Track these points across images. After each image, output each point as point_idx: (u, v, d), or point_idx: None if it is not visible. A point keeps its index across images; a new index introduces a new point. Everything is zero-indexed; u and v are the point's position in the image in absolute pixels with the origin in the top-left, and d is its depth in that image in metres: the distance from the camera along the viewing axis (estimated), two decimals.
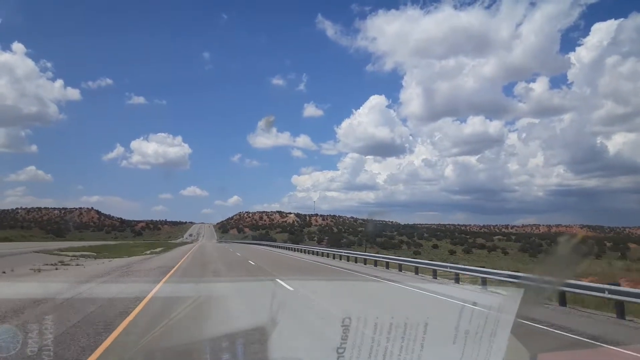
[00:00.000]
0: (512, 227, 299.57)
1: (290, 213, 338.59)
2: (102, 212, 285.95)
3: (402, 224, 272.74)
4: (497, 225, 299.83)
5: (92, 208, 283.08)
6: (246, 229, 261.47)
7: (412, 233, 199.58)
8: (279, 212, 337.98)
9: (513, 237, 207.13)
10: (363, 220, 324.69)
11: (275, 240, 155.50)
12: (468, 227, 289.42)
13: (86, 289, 13.06)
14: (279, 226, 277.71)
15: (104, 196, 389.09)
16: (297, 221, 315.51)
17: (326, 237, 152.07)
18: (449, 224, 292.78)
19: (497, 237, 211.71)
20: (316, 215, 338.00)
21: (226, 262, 29.43)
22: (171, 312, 9.09)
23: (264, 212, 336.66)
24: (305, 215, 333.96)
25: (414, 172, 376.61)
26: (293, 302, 11.03)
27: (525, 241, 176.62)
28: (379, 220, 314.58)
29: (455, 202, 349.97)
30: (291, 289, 13.72)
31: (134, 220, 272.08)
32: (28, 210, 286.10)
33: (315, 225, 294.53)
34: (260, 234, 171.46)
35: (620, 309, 10.18)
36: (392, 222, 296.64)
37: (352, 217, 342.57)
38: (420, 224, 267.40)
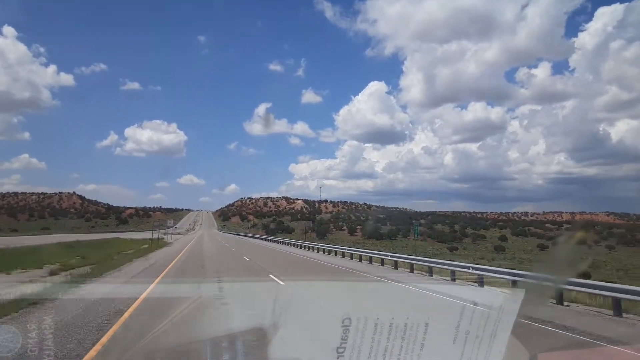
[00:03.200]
0: (533, 215, 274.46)
1: (297, 199, 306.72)
2: (86, 197, 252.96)
3: (419, 211, 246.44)
4: (515, 212, 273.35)
5: (74, 193, 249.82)
6: (250, 217, 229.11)
7: (448, 222, 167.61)
8: (286, 198, 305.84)
9: (566, 226, 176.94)
10: (377, 207, 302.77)
11: (292, 231, 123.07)
12: (485, 215, 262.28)
13: None
14: (287, 213, 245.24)
15: (100, 184, 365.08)
16: (306, 208, 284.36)
17: (358, 227, 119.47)
18: (465, 212, 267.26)
19: (546, 224, 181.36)
20: (325, 201, 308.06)
21: None
22: None
23: (269, 197, 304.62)
24: (313, 201, 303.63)
25: (413, 160, 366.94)
26: None
27: (594, 231, 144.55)
28: (395, 208, 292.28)
29: (453, 190, 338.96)
30: None
31: (122, 207, 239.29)
32: (2, 196, 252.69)
33: (326, 212, 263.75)
34: (271, 222, 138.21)
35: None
36: (406, 209, 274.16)
37: (364, 204, 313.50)
38: (436, 212, 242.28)
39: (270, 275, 14.91)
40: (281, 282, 13.38)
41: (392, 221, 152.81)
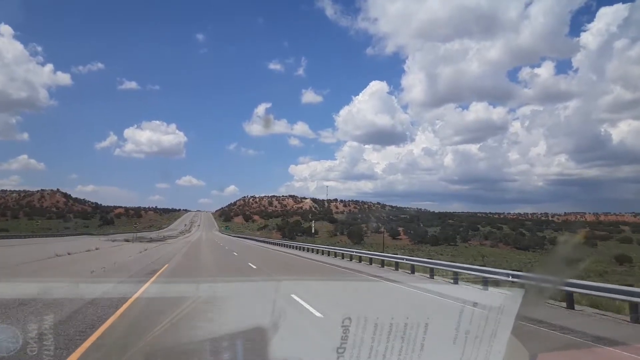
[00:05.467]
0: (553, 216, 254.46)
1: (305, 198, 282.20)
2: (72, 196, 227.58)
3: (441, 212, 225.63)
4: (534, 213, 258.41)
5: (57, 190, 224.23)
6: (255, 217, 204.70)
7: (489, 224, 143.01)
8: (293, 197, 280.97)
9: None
10: (391, 207, 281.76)
11: (316, 233, 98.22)
12: (502, 216, 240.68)
13: None
14: (296, 213, 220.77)
15: (99, 185, 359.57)
16: (315, 207, 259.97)
17: (400, 228, 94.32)
18: (481, 213, 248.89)
19: (599, 226, 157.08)
20: (335, 200, 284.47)
21: None
22: None
23: (274, 196, 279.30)
24: (322, 200, 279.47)
25: (413, 162, 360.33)
26: None
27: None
28: (408, 208, 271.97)
29: (453, 191, 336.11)
30: None
31: (110, 206, 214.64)
32: None
33: (337, 212, 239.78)
34: (284, 222, 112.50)
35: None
36: (423, 209, 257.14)
37: (378, 203, 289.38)
38: (454, 213, 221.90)
39: None
40: None
41: (424, 222, 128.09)
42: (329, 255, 29.76)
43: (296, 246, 42.60)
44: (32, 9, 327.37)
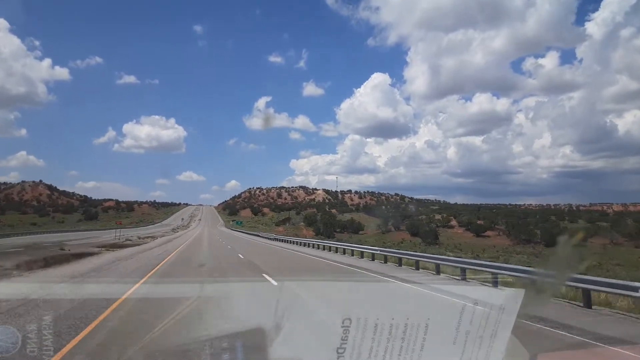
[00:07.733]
0: (577, 207, 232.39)
1: (317, 189, 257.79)
2: (57, 188, 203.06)
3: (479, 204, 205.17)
4: (557, 205, 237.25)
5: (40, 181, 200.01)
6: (265, 209, 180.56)
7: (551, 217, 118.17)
8: (304, 188, 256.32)
9: None
10: (410, 198, 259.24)
11: (361, 229, 73.48)
12: (522, 207, 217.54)
13: None
14: (309, 205, 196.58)
15: (100, 182, 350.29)
16: (328, 199, 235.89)
17: (479, 221, 68.93)
18: (501, 204, 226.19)
19: None
20: (350, 192, 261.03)
21: None
22: None
23: (283, 187, 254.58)
24: (336, 192, 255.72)
25: (415, 155, 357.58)
26: None
27: None
28: (426, 199, 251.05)
29: (455, 184, 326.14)
30: None
31: (99, 200, 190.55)
32: None
33: (352, 204, 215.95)
34: (311, 214, 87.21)
35: None
36: (435, 200, 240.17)
37: (396, 194, 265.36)
38: (483, 204, 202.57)
39: None
40: None
41: (463, 215, 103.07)
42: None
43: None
44: (28, 3, 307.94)
